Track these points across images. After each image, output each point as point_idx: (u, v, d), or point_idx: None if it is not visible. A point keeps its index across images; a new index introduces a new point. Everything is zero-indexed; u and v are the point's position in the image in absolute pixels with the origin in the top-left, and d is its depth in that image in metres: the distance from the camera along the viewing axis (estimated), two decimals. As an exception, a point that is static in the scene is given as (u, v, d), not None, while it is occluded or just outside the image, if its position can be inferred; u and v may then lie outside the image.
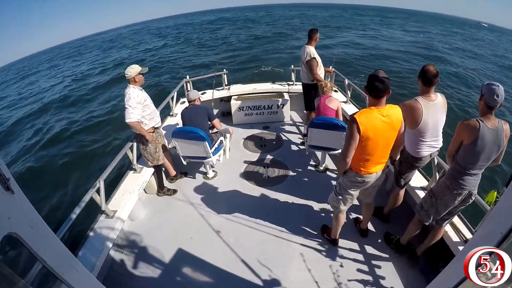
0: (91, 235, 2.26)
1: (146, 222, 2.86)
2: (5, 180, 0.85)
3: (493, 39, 32.71)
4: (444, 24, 48.40)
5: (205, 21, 50.85)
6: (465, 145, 1.73)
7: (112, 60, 22.15)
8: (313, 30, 3.65)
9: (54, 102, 12.77)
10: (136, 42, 33.83)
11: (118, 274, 2.31)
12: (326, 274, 2.22)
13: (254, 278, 2.22)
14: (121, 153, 2.81)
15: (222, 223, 2.77)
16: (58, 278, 1.07)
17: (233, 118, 4.78)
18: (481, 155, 1.69)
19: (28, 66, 39.00)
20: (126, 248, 2.56)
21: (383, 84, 1.66)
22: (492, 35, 38.57)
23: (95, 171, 5.45)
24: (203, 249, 2.49)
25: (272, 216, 2.79)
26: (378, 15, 57.45)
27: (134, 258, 2.47)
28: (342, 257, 2.36)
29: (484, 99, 1.64)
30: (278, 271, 2.26)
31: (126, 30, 71.07)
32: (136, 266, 2.39)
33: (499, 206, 1.15)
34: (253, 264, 2.32)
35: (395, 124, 1.80)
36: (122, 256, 2.49)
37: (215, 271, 2.30)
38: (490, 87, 1.61)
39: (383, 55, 16.55)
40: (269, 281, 2.20)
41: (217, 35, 28.43)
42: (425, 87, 1.98)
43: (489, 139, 1.65)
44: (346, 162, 1.86)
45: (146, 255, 2.49)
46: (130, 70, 2.70)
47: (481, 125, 1.64)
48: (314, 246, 2.48)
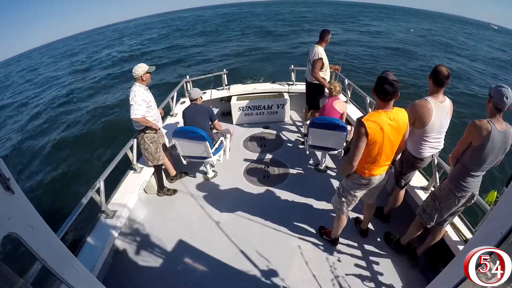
0: (91, 235, 2.25)
1: (146, 222, 2.86)
2: (5, 180, 0.85)
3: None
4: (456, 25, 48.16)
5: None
6: (473, 146, 1.70)
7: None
8: (325, 31, 3.64)
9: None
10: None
11: (118, 274, 2.32)
12: (326, 273, 2.22)
13: (255, 277, 2.22)
14: (121, 153, 2.81)
15: (222, 222, 2.77)
16: (58, 278, 1.07)
17: (233, 118, 4.79)
18: (489, 158, 1.68)
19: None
20: (126, 248, 2.56)
21: (393, 87, 1.63)
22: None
23: (95, 171, 5.46)
24: (203, 248, 2.49)
25: (273, 216, 2.79)
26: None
27: (134, 258, 2.47)
28: (342, 257, 2.36)
29: (493, 101, 1.63)
30: (278, 270, 2.27)
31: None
32: (136, 266, 2.39)
33: (499, 206, 1.15)
34: (253, 264, 2.32)
35: (401, 128, 1.78)
36: (122, 256, 2.49)
37: (215, 271, 2.30)
38: (499, 89, 1.60)
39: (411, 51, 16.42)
40: (269, 279, 2.20)
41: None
42: (435, 88, 1.97)
43: (498, 142, 1.63)
44: (352, 166, 1.84)
45: (146, 255, 2.49)
46: (138, 69, 2.72)
47: (492, 127, 1.61)
48: (314, 246, 2.48)
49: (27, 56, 53.48)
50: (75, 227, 2.81)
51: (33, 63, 33.55)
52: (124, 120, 2.93)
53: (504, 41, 31.24)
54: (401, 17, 50.10)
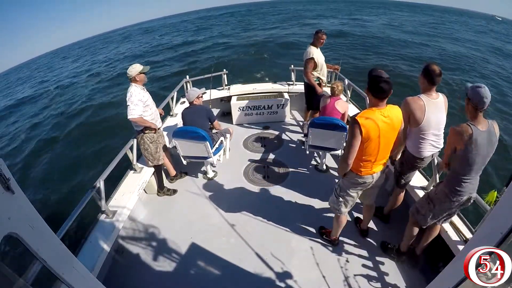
0: (91, 235, 2.26)
1: (146, 222, 2.86)
2: (5, 180, 0.85)
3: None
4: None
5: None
6: (459, 151, 1.69)
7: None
8: (318, 31, 3.68)
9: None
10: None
11: (118, 274, 2.31)
12: (325, 273, 2.22)
13: (254, 277, 2.22)
14: (121, 153, 2.81)
15: (222, 223, 2.77)
16: (58, 278, 1.07)
17: (233, 118, 4.79)
18: (477, 159, 1.66)
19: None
20: (126, 248, 2.56)
21: (389, 85, 1.65)
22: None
23: (95, 171, 5.46)
24: (203, 249, 2.49)
25: (272, 216, 2.79)
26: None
27: (134, 258, 2.47)
28: (342, 257, 2.36)
29: (471, 103, 1.62)
30: (278, 270, 2.26)
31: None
32: (136, 266, 2.39)
33: (499, 206, 1.15)
34: (253, 263, 2.33)
35: (396, 125, 1.79)
36: (122, 256, 2.49)
37: (215, 271, 2.30)
38: (477, 90, 1.59)
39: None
40: (270, 279, 2.20)
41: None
42: (428, 86, 1.99)
43: (483, 142, 1.61)
44: (348, 164, 1.85)
45: (146, 255, 2.49)
46: (131, 70, 2.72)
47: (473, 129, 1.60)
48: (314, 246, 2.48)
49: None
50: (75, 227, 2.82)
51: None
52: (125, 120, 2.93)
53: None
54: (404, 12, 50.38)
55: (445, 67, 10.72)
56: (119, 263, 2.42)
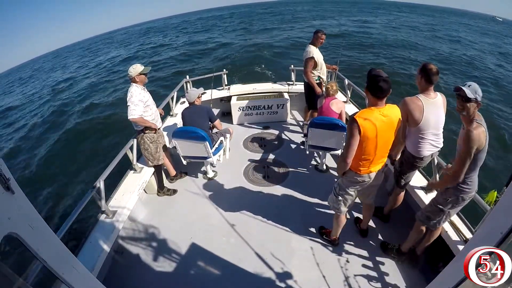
0: (91, 235, 2.26)
1: (146, 222, 2.86)
2: (5, 180, 0.86)
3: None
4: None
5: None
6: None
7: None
8: (318, 30, 3.71)
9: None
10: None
11: (118, 274, 2.31)
12: (325, 273, 2.22)
13: (254, 277, 2.22)
14: (121, 153, 2.81)
15: (222, 223, 2.77)
16: (58, 278, 1.07)
17: (233, 118, 4.79)
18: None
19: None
20: (126, 248, 2.56)
21: (387, 84, 1.65)
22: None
23: (95, 171, 5.46)
24: (203, 249, 2.49)
25: (273, 216, 2.79)
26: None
27: (134, 258, 2.47)
28: (342, 257, 2.36)
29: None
30: (278, 270, 2.26)
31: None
32: (136, 266, 2.39)
33: (499, 206, 1.15)
34: (253, 263, 2.32)
35: (394, 124, 1.80)
36: (122, 256, 2.49)
37: (215, 271, 2.30)
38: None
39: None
40: (270, 279, 2.20)
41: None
42: (426, 85, 2.01)
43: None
44: (346, 163, 1.86)
45: (146, 255, 2.49)
46: (132, 70, 2.73)
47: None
48: (314, 245, 2.48)
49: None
50: (75, 227, 2.81)
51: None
52: (125, 120, 2.93)
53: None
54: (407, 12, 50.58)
55: (442, 68, 10.74)
56: (119, 263, 2.42)
